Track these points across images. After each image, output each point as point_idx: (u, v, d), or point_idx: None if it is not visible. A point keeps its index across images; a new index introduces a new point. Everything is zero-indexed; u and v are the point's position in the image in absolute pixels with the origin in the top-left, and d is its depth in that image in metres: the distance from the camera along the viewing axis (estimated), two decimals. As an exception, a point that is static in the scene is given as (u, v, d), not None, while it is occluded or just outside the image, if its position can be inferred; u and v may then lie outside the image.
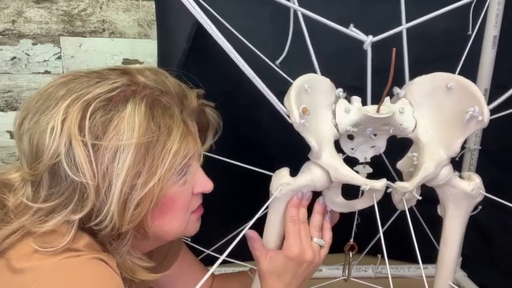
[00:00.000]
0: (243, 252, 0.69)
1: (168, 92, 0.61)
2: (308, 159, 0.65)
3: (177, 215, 0.63)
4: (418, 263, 0.63)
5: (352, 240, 0.77)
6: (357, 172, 0.69)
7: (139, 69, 0.62)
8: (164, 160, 0.57)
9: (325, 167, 0.63)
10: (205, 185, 0.66)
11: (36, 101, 0.58)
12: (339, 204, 0.68)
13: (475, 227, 1.07)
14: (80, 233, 0.56)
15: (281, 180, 0.64)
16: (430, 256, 0.75)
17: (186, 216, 0.64)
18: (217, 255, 0.88)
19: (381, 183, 0.63)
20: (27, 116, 0.57)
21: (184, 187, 0.62)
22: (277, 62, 0.90)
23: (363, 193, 0.66)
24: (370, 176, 0.69)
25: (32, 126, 0.56)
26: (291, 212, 0.65)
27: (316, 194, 0.68)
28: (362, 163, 0.70)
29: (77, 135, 0.53)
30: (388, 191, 0.66)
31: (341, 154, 0.67)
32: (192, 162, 0.63)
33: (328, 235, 0.69)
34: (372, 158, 0.71)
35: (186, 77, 0.67)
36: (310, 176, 0.64)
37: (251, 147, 0.89)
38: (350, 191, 0.67)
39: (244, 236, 0.66)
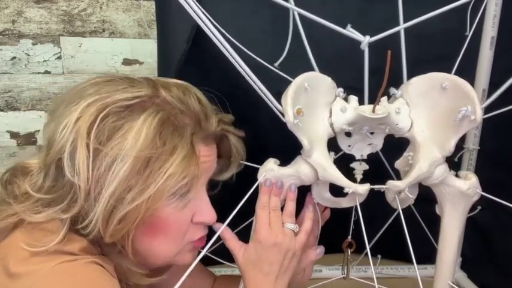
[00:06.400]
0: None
1: (187, 112, 0.59)
2: (300, 154, 0.66)
3: (168, 241, 0.60)
4: (418, 263, 0.64)
5: (350, 237, 0.77)
6: (353, 168, 0.70)
7: (168, 83, 0.61)
8: (158, 179, 0.54)
9: (314, 166, 0.64)
10: (207, 215, 0.63)
11: (70, 92, 0.59)
12: (326, 199, 0.69)
13: (475, 227, 1.07)
14: (76, 236, 0.56)
15: (265, 167, 0.66)
16: (431, 257, 0.75)
17: (179, 244, 0.62)
18: (219, 259, 0.89)
19: (363, 188, 0.65)
20: (60, 105, 0.58)
21: (182, 212, 0.60)
22: (276, 64, 0.90)
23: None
24: (368, 174, 0.70)
25: (56, 116, 0.57)
26: (261, 198, 0.66)
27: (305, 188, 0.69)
28: (358, 160, 0.71)
29: (83, 136, 0.53)
30: (382, 190, 0.67)
31: (333, 153, 0.68)
32: (196, 188, 0.60)
33: (308, 224, 0.68)
34: (372, 158, 0.71)
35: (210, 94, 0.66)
36: (296, 168, 0.66)
37: (251, 148, 0.89)
38: (339, 188, 0.68)
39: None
